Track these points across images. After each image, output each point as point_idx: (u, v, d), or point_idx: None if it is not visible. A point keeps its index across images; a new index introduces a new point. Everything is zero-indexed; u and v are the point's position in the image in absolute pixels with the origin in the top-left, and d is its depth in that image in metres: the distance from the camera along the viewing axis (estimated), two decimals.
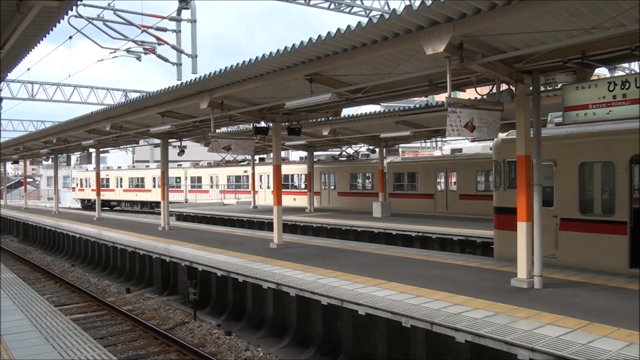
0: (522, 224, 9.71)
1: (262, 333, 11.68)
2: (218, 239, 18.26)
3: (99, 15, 21.12)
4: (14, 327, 7.94)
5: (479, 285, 9.94)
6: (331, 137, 24.39)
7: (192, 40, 22.66)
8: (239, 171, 42.17)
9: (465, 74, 10.32)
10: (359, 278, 10.81)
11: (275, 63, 11.11)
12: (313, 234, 22.70)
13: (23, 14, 7.56)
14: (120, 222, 27.08)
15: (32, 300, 9.69)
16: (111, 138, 24.84)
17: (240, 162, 40.81)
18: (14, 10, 7.60)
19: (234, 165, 42.20)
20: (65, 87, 45.72)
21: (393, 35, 8.83)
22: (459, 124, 8.72)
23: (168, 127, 18.46)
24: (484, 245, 16.45)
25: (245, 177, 41.27)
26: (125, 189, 52.30)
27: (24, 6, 6.92)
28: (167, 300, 14.85)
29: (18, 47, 9.90)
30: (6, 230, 35.42)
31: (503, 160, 12.99)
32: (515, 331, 6.99)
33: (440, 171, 27.95)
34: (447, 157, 29.09)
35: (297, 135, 16.83)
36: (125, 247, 17.87)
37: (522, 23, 7.89)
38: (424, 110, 18.64)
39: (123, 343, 11.55)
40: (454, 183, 27.53)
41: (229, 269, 12.41)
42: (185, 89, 14.13)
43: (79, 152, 32.22)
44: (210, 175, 45.72)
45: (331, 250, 15.25)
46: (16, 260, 23.67)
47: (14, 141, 35.02)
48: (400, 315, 8.14)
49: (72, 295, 16.39)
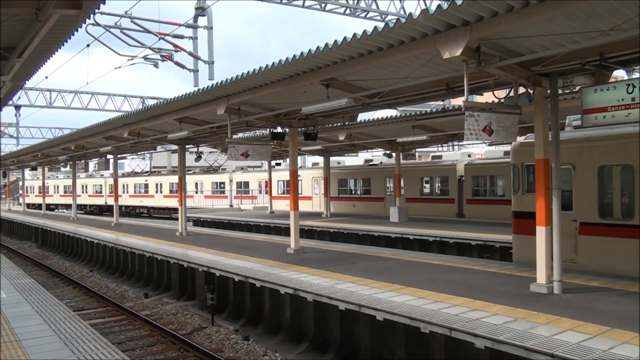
0: (541, 228, 9.61)
1: (279, 338, 11.67)
2: (235, 244, 18.30)
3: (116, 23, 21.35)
4: (33, 331, 7.99)
5: (497, 290, 9.86)
6: (347, 141, 24.36)
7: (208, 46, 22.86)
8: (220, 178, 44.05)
9: (483, 78, 10.27)
10: (377, 283, 10.77)
11: (291, 68, 11.13)
12: (330, 239, 22.66)
13: (41, 22, 7.64)
14: (138, 227, 27.24)
15: (50, 305, 9.75)
16: (129, 144, 25.01)
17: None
18: (32, 19, 7.69)
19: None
20: (83, 94, 46.24)
21: (409, 40, 8.81)
22: (476, 127, 8.67)
23: (185, 133, 18.54)
24: (502, 250, 16.33)
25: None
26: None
27: (42, 15, 6.99)
28: (184, 305, 14.90)
29: (36, 56, 10.02)
30: (25, 236, 35.76)
31: (521, 164, 12.89)
32: (535, 337, 6.92)
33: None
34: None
35: (313, 140, 16.84)
36: (143, 253, 17.96)
37: (540, 25, 7.83)
38: (440, 114, 18.56)
39: (141, 348, 11.60)
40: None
41: (246, 274, 12.42)
42: (203, 95, 14.20)
43: (97, 159, 32.48)
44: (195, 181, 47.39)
45: (348, 255, 15.21)
46: (35, 265, 23.90)
47: (33, 148, 35.38)
48: (418, 321, 8.10)
49: (90, 300, 16.51)
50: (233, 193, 43.72)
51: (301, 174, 35.76)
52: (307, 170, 37.71)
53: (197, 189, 47.30)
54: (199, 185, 47.34)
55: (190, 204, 44.27)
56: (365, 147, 29.63)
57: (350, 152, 32.31)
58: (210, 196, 46.27)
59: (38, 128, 58.22)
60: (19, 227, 37.72)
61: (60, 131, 55.91)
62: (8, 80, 10.75)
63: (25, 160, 40.89)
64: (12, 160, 43.31)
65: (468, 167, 27.12)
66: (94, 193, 59.22)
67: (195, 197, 46.72)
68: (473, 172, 26.38)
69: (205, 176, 47.08)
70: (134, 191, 53.94)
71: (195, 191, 47.18)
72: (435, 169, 29.65)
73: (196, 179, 47.56)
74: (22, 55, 9.52)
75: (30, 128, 57.49)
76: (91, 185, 59.57)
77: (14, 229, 39.10)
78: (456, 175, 27.85)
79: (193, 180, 47.21)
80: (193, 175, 47.76)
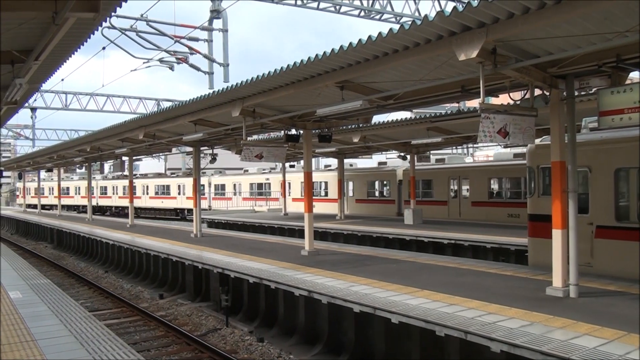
0: (557, 231, 9.53)
1: (294, 340, 11.67)
2: (249, 246, 18.34)
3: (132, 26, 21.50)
4: (49, 331, 8.05)
5: (513, 293, 9.80)
6: (362, 143, 24.35)
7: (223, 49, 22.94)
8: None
9: (499, 79, 10.22)
10: (391, 286, 10.74)
11: (306, 71, 11.14)
12: (344, 241, 22.65)
13: (58, 25, 7.68)
14: (153, 229, 27.38)
15: (66, 306, 9.82)
16: (144, 146, 25.15)
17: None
18: (49, 22, 7.74)
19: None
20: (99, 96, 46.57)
21: (425, 42, 8.79)
22: (491, 130, 8.63)
23: (200, 135, 18.63)
24: (517, 253, 16.23)
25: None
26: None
27: (59, 18, 7.03)
28: (199, 306, 14.95)
29: (53, 59, 10.10)
30: (41, 236, 36.06)
31: (537, 166, 12.82)
32: (551, 341, 6.87)
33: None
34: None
35: (328, 142, 16.84)
36: (158, 254, 18.05)
37: (556, 27, 7.78)
38: (455, 116, 18.50)
39: (156, 348, 11.66)
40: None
41: (261, 275, 12.45)
42: (218, 97, 14.25)
43: (112, 160, 32.69)
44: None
45: (362, 257, 15.20)
46: (50, 266, 24.10)
47: (48, 150, 35.67)
48: (434, 324, 8.07)
49: (105, 300, 16.62)
50: (212, 195, 48.03)
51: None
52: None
53: (180, 190, 50.40)
54: (181, 187, 50.30)
55: (173, 205, 50.71)
56: (379, 149, 29.60)
57: (364, 154, 32.27)
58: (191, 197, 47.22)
59: (54, 130, 58.72)
60: (34, 227, 38.03)
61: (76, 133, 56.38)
62: (24, 82, 10.82)
63: (41, 161, 41.20)
64: (27, 162, 43.68)
65: (405, 172, 30.11)
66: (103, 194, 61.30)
67: (178, 198, 50.54)
68: (409, 177, 27.83)
69: (188, 179, 48.23)
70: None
71: (178, 192, 50.53)
72: (379, 173, 33.61)
73: (179, 181, 50.75)
74: (38, 58, 9.59)
75: (46, 130, 57.97)
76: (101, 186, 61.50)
77: (29, 229, 39.43)
78: (396, 179, 31.60)
79: (176, 182, 50.98)
80: (176, 178, 51.63)
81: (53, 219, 37.19)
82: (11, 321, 8.62)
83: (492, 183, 27.03)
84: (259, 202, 42.32)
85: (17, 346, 7.27)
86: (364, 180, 33.87)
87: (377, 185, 33.54)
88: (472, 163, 30.48)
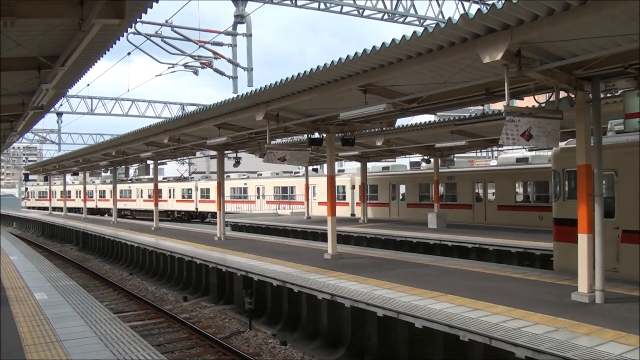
0: (583, 235, 9.40)
1: (317, 344, 11.67)
2: (272, 249, 18.38)
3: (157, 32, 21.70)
4: (74, 332, 8.15)
5: (538, 299, 9.69)
6: (385, 147, 24.28)
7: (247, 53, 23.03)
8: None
9: (523, 82, 10.13)
10: (415, 290, 10.69)
11: (329, 74, 11.15)
12: (367, 245, 22.58)
13: (84, 32, 7.78)
14: (177, 231, 27.58)
15: (91, 307, 9.93)
16: (169, 150, 25.36)
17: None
18: (75, 28, 7.84)
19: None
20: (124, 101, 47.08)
21: (449, 44, 8.75)
22: (515, 132, 8.55)
23: (224, 139, 18.73)
24: (542, 258, 16.04)
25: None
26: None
27: (85, 25, 7.11)
28: (223, 309, 15.02)
29: (79, 64, 10.23)
30: (66, 239, 36.52)
31: (562, 169, 12.67)
32: (576, 348, 6.78)
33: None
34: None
35: (351, 146, 16.83)
36: (183, 257, 18.18)
37: (581, 28, 7.69)
38: (480, 119, 18.39)
39: (180, 350, 11.74)
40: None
41: (284, 279, 12.47)
42: (242, 101, 14.33)
43: (137, 164, 33.03)
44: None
45: (386, 261, 15.15)
46: (76, 268, 24.40)
47: (74, 154, 36.14)
48: (457, 329, 8.01)
49: (130, 302, 16.77)
50: (198, 198, 52.13)
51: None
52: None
53: (170, 194, 55.14)
54: (171, 191, 55.06)
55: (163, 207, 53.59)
56: (403, 153, 29.49)
57: (387, 157, 32.17)
58: (181, 200, 53.87)
59: (79, 134, 59.55)
60: (60, 230, 38.52)
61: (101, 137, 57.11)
62: (51, 88, 10.98)
63: (66, 165, 41.75)
64: (53, 166, 44.31)
65: (355, 179, 35.10)
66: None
67: (168, 201, 54.97)
68: (359, 183, 32.28)
69: (177, 184, 54.41)
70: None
71: (169, 196, 55.19)
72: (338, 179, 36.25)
73: (169, 186, 55.39)
74: (65, 63, 9.70)
75: (72, 134, 58.89)
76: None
77: (55, 232, 39.96)
78: (350, 185, 36.73)
79: (167, 187, 55.43)
80: (167, 182, 56.11)
81: (78, 222, 37.63)
82: (37, 322, 8.74)
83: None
84: (283, 206, 43.12)
85: (42, 347, 7.37)
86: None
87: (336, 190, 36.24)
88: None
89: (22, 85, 11.81)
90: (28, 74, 10.78)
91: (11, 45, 8.67)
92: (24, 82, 11.51)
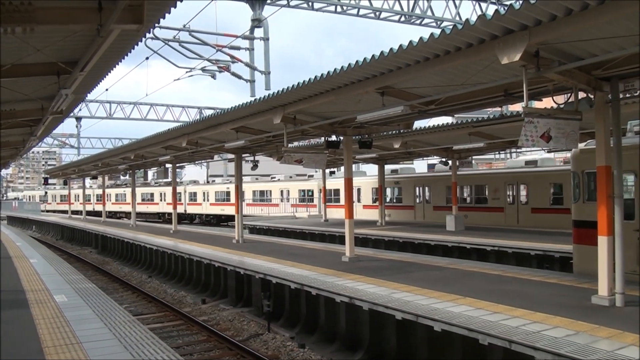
0: (603, 238, 9.27)
1: (335, 347, 11.65)
2: (290, 252, 18.40)
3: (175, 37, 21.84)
4: (94, 335, 8.19)
5: (558, 302, 9.59)
6: (402, 149, 24.21)
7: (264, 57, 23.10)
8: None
9: (542, 83, 10.06)
10: (434, 293, 10.64)
11: (346, 77, 11.15)
12: (385, 247, 22.52)
13: (103, 37, 7.84)
14: (196, 234, 27.71)
15: (110, 309, 9.97)
16: (187, 154, 25.49)
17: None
18: (94, 34, 7.91)
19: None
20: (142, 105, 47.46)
21: (466, 46, 8.71)
22: (534, 134, 8.48)
23: (242, 142, 18.79)
24: (562, 261, 15.89)
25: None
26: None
27: (104, 30, 7.17)
28: (241, 311, 15.06)
29: (97, 70, 10.31)
30: (85, 242, 36.84)
31: (582, 171, 12.54)
32: (596, 352, 6.70)
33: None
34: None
35: (368, 148, 16.80)
36: (201, 259, 18.26)
37: (600, 28, 7.61)
38: (498, 120, 18.27)
39: (199, 353, 11.79)
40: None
41: (302, 281, 12.47)
42: (259, 104, 14.37)
43: (156, 168, 33.26)
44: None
45: (404, 264, 15.09)
46: (95, 270, 24.60)
47: (93, 158, 36.46)
48: (477, 332, 7.96)
49: (149, 305, 16.87)
50: (187, 201, 56.77)
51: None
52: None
53: (161, 198, 59.40)
54: (162, 195, 58.89)
55: (155, 209, 60.04)
56: (420, 155, 29.39)
57: (405, 160, 32.07)
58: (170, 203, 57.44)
59: (98, 138, 60.12)
60: (79, 233, 38.86)
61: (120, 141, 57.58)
62: (70, 93, 11.07)
63: (86, 169, 42.12)
64: (73, 170, 44.73)
65: (320, 184, 38.26)
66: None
67: (160, 204, 59.75)
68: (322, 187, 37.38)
69: (168, 188, 54.71)
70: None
71: (160, 199, 59.57)
72: (307, 185, 44.64)
73: (160, 190, 58.67)
74: (84, 69, 9.79)
75: (91, 138, 59.38)
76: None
77: (74, 235, 40.32)
78: (317, 189, 41.72)
79: (158, 191, 59.49)
80: (158, 187, 59.47)
81: (97, 225, 37.95)
82: (57, 324, 8.81)
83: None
84: (300, 209, 44.26)
85: (62, 348, 7.42)
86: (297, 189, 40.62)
87: (306, 193, 44.61)
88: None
89: (41, 90, 11.94)
90: (47, 80, 10.90)
91: (31, 52, 8.77)
92: (44, 87, 11.64)
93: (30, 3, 6.63)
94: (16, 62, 9.60)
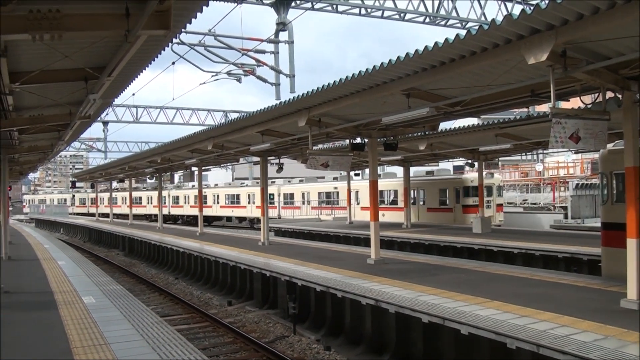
0: (632, 240, 9.08)
1: (360, 349, 11.62)
2: (315, 254, 18.41)
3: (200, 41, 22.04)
4: (122, 336, 8.30)
5: (586, 305, 9.46)
6: (428, 151, 24.07)
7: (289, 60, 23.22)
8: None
9: (569, 83, 9.94)
10: (460, 296, 10.56)
11: (371, 79, 11.13)
12: (410, 250, 22.40)
13: (130, 43, 7.94)
14: (222, 237, 27.86)
15: (138, 311, 10.09)
16: (213, 157, 25.66)
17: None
18: (122, 40, 8.01)
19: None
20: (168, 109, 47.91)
21: (492, 46, 8.64)
22: (563, 135, 8.39)
23: (267, 145, 18.87)
24: (590, 263, 15.66)
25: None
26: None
27: (131, 36, 7.24)
28: (267, 313, 15.10)
29: (125, 75, 10.43)
30: (113, 244, 37.26)
31: (610, 172, 12.34)
32: (625, 356, 6.60)
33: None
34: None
35: (393, 150, 16.74)
36: (227, 262, 18.37)
37: (627, 27, 7.47)
38: (525, 121, 18.06)
39: (225, 354, 11.85)
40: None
41: (327, 284, 12.47)
42: (284, 108, 14.42)
43: (182, 171, 33.53)
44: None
45: (430, 266, 15.01)
46: (122, 272, 24.87)
47: (120, 161, 36.88)
48: (504, 336, 7.88)
49: (175, 306, 17.00)
50: (170, 203, 60.62)
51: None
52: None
53: (148, 201, 63.14)
54: (149, 198, 62.51)
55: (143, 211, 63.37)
56: (446, 157, 29.20)
57: (430, 161, 31.86)
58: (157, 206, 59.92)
59: (125, 142, 61.03)
60: (107, 236, 39.31)
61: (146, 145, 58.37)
62: (98, 98, 11.24)
63: (112, 172, 42.61)
64: (100, 173, 45.30)
65: (281, 189, 47.24)
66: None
67: (147, 206, 63.72)
68: (284, 191, 47.41)
69: (155, 192, 56.89)
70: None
71: (147, 202, 63.74)
72: (272, 189, 46.12)
73: (148, 194, 62.18)
74: (111, 74, 9.92)
75: (118, 142, 60.41)
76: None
77: (102, 238, 40.80)
78: (280, 193, 47.40)
79: (146, 195, 62.78)
80: (146, 191, 62.98)
81: (124, 228, 38.36)
82: (85, 325, 8.94)
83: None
84: (326, 211, 43.80)
85: (90, 349, 7.53)
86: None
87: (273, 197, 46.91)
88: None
89: (69, 95, 12.13)
90: (75, 85, 11.07)
91: (59, 58, 8.91)
92: (72, 92, 11.82)
93: (58, 10, 6.74)
94: (45, 68, 9.77)
